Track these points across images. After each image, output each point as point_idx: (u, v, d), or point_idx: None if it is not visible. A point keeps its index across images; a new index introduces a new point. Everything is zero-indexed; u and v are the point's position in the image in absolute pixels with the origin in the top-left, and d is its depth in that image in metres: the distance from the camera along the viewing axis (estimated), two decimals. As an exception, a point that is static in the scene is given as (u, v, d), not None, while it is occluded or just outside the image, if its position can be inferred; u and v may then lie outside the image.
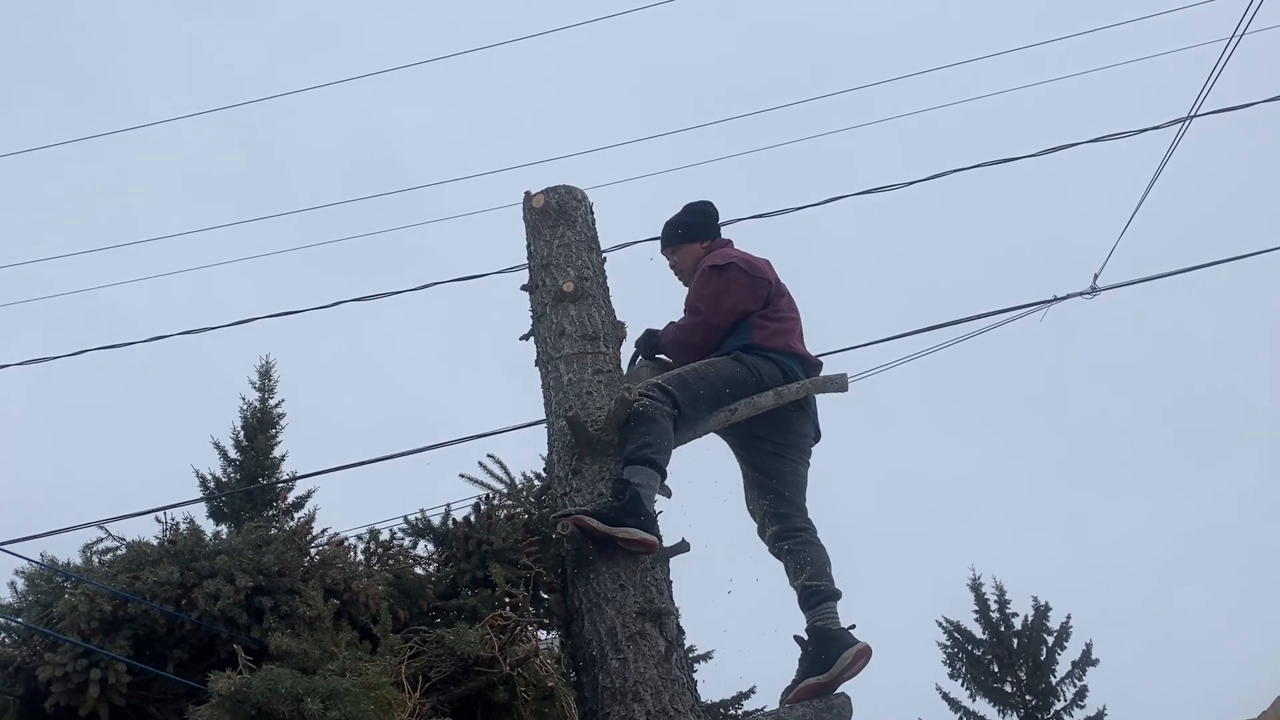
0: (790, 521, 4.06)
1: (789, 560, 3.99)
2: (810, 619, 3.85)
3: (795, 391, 4.18)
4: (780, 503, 4.10)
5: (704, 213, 4.57)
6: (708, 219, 4.57)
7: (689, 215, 4.56)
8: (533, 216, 4.56)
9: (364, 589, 3.12)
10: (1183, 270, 6.34)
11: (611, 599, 3.57)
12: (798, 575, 3.93)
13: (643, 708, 3.35)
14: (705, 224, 4.56)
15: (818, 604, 3.85)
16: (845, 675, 3.70)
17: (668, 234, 4.58)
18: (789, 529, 4.04)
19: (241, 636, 2.90)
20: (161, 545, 3.12)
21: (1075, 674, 17.52)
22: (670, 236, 4.57)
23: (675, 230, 4.55)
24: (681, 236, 4.53)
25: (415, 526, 3.81)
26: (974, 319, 6.16)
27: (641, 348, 4.42)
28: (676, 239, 4.55)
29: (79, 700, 2.83)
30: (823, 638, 3.78)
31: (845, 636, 3.77)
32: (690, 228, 4.53)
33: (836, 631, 3.79)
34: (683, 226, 4.54)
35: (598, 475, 3.86)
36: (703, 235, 4.53)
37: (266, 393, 9.78)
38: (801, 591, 3.90)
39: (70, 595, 2.99)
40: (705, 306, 4.22)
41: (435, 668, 2.85)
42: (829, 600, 3.86)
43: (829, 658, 3.71)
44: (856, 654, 3.71)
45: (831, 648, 3.74)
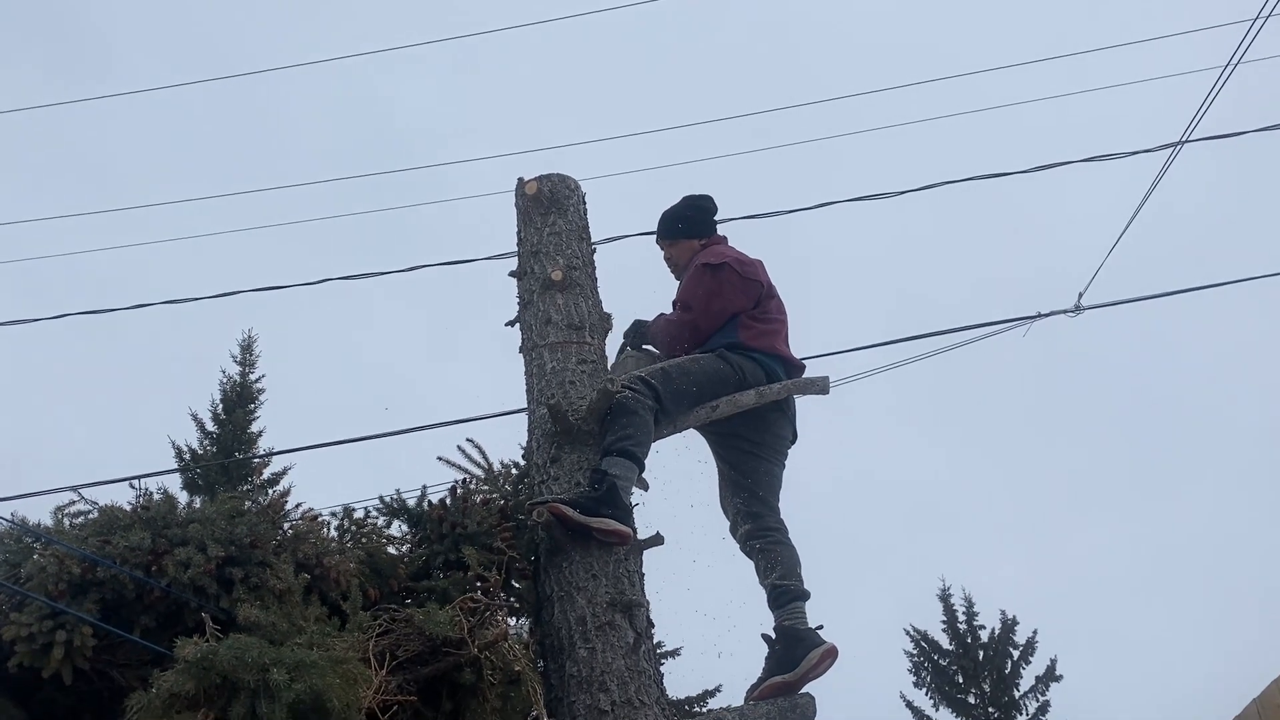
0: (763, 521, 4.08)
1: (760, 559, 4.02)
2: (778, 618, 3.88)
3: (777, 392, 4.21)
4: (754, 502, 4.12)
5: (703, 209, 4.60)
6: (706, 215, 4.60)
7: (688, 210, 4.58)
8: (525, 203, 4.57)
9: (336, 565, 3.11)
10: (1167, 294, 6.41)
11: (583, 588, 3.58)
12: (768, 574, 3.96)
13: (608, 697, 3.36)
14: (703, 220, 4.58)
15: (786, 603, 3.87)
16: (811, 675, 3.73)
17: (666, 227, 4.60)
18: (761, 528, 4.06)
19: (210, 606, 2.89)
20: (134, 511, 3.10)
21: (1039, 688, 17.68)
22: (668, 229, 4.59)
23: (675, 224, 4.57)
24: (680, 231, 4.56)
25: (390, 506, 3.80)
26: (958, 330, 6.22)
27: (629, 338, 4.46)
28: (675, 233, 4.57)
29: (43, 662, 2.81)
30: (790, 637, 3.81)
31: (812, 636, 3.79)
32: (689, 223, 4.56)
33: (804, 631, 3.81)
34: (682, 221, 4.56)
35: (576, 465, 3.87)
36: (700, 232, 4.56)
37: (247, 367, 9.77)
38: (771, 590, 3.92)
39: (39, 556, 2.97)
40: (696, 305, 4.24)
41: (403, 646, 2.85)
42: (798, 600, 3.88)
43: (795, 657, 3.73)
44: (823, 654, 3.74)
45: (798, 647, 3.76)
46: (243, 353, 9.58)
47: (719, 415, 4.09)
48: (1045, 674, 17.74)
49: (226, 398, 9.28)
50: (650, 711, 3.38)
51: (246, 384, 9.43)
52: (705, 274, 4.28)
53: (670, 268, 4.63)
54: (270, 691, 2.36)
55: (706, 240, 4.53)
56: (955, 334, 6.19)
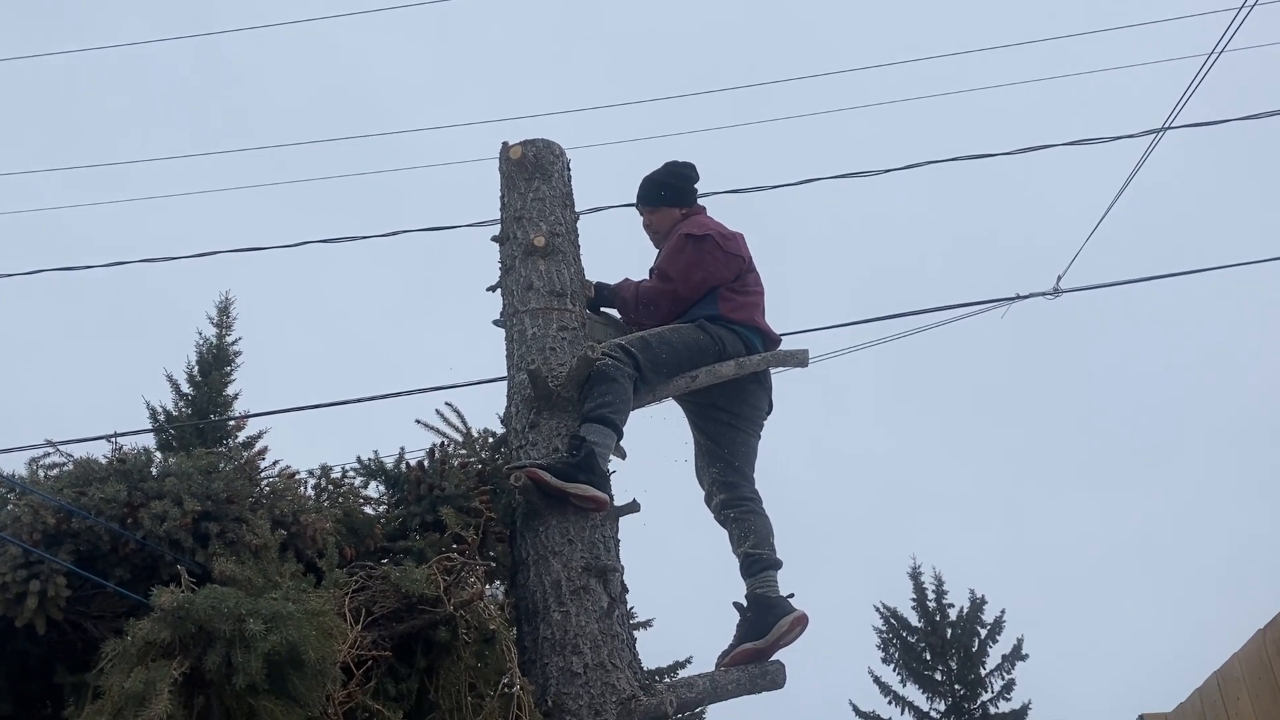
0: (738, 491, 4.12)
1: (734, 528, 4.05)
2: (750, 586, 3.92)
3: (756, 364, 4.23)
4: (729, 472, 4.15)
5: (686, 177, 4.58)
6: (688, 183, 4.58)
7: (671, 178, 4.56)
8: (508, 168, 4.54)
9: (312, 523, 3.11)
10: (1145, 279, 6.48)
11: (558, 553, 3.61)
12: (741, 543, 4.00)
13: (581, 660, 3.40)
14: (685, 189, 4.56)
15: (758, 572, 3.91)
16: (781, 642, 3.78)
17: (648, 193, 4.58)
18: (736, 498, 4.10)
19: (186, 560, 2.89)
20: (110, 464, 3.09)
21: (1005, 667, 17.97)
22: (651, 196, 4.57)
23: (657, 191, 4.55)
24: (662, 199, 4.54)
25: (368, 467, 3.80)
26: (936, 310, 6.26)
27: (590, 303, 4.41)
28: (657, 200, 4.55)
29: (16, 611, 2.80)
30: (761, 605, 3.85)
31: (783, 604, 3.84)
32: (671, 190, 4.54)
33: (775, 599, 3.85)
34: (664, 188, 4.54)
35: (555, 430, 3.88)
36: (681, 200, 4.54)
37: (224, 329, 9.69)
38: (744, 559, 3.96)
39: (14, 506, 2.95)
40: (677, 275, 4.24)
41: (379, 603, 2.86)
42: (770, 569, 3.92)
43: (766, 624, 3.78)
44: (793, 621, 3.78)
45: (769, 614, 3.80)
46: (220, 315, 9.50)
47: (698, 385, 4.11)
48: (1011, 653, 18.03)
49: (203, 359, 9.21)
50: (623, 674, 3.42)
51: (223, 346, 9.35)
52: (687, 244, 4.28)
53: (649, 235, 4.62)
54: (246, 641, 2.36)
55: (688, 210, 4.52)
56: (934, 314, 6.23)
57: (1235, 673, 3.43)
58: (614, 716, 3.31)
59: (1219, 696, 3.55)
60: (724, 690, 3.72)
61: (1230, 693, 3.46)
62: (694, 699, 3.63)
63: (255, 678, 2.36)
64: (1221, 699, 3.52)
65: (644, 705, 3.37)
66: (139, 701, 2.29)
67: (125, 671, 2.38)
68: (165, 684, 2.31)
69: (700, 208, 4.56)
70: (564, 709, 3.30)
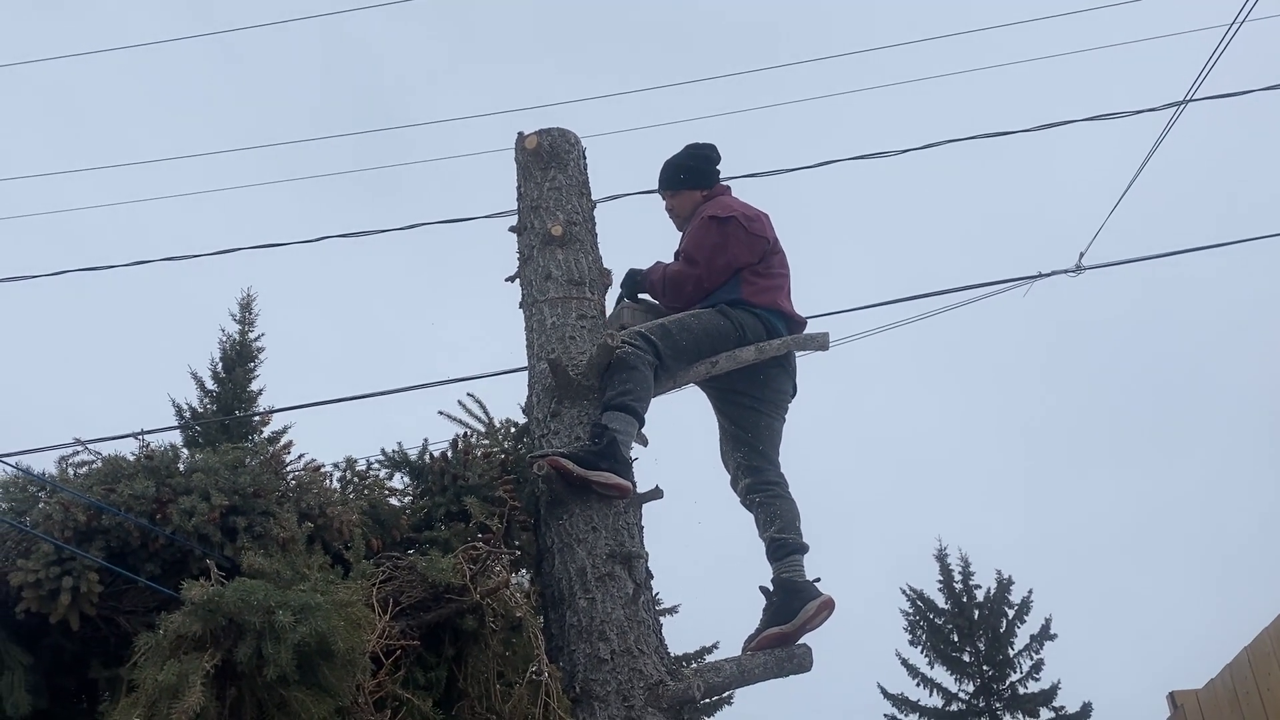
0: (763, 475, 4.11)
1: (760, 513, 4.05)
2: (776, 570, 3.92)
3: (776, 348, 4.22)
4: (754, 456, 4.15)
5: (706, 158, 4.53)
6: (709, 165, 4.53)
7: (692, 160, 4.53)
8: (524, 157, 4.54)
9: (339, 515, 3.14)
10: (1168, 254, 6.40)
11: (583, 540, 3.62)
12: (767, 527, 3.99)
13: (608, 646, 3.41)
14: (707, 170, 4.51)
15: (785, 556, 3.91)
16: (808, 626, 3.78)
17: (669, 176, 4.55)
18: (762, 482, 4.09)
19: (214, 554, 2.92)
20: (138, 460, 3.12)
21: (1033, 647, 17.90)
22: (671, 179, 4.54)
23: (677, 174, 4.52)
24: (683, 182, 4.51)
25: (392, 459, 3.82)
26: (958, 290, 6.21)
27: (625, 287, 4.42)
28: (677, 183, 4.52)
29: (50, 608, 2.84)
30: (787, 589, 3.85)
31: (809, 589, 3.83)
32: (692, 173, 4.50)
33: (801, 583, 3.85)
34: (685, 171, 4.51)
35: (576, 419, 3.89)
36: (703, 182, 4.51)
37: (247, 325, 9.76)
38: (770, 543, 3.96)
39: (45, 504, 2.99)
40: (701, 258, 4.21)
41: (406, 593, 2.89)
42: (796, 553, 3.92)
43: (793, 608, 3.78)
44: (820, 606, 3.79)
45: (795, 599, 3.80)
46: (242, 311, 9.56)
47: (719, 370, 4.11)
48: (1040, 633, 17.95)
49: (226, 356, 9.27)
50: (649, 660, 3.43)
51: (246, 342, 9.42)
52: (711, 226, 4.24)
53: (672, 218, 4.60)
54: (276, 633, 2.39)
55: (709, 191, 4.49)
56: (956, 294, 6.18)
57: (1266, 648, 3.41)
58: (642, 702, 3.32)
59: (1250, 672, 3.52)
60: (751, 674, 3.73)
61: (1261, 668, 3.44)
62: (721, 683, 3.64)
63: (286, 669, 2.39)
64: (1253, 674, 3.50)
65: (671, 690, 3.38)
66: (172, 694, 2.33)
67: (158, 664, 2.41)
68: (198, 676, 2.34)
69: (724, 188, 4.53)
70: (592, 695, 3.32)
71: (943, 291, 6.16)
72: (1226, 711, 3.75)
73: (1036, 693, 17.45)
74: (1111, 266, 6.35)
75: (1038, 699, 17.34)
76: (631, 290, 4.41)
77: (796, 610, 3.78)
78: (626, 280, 4.43)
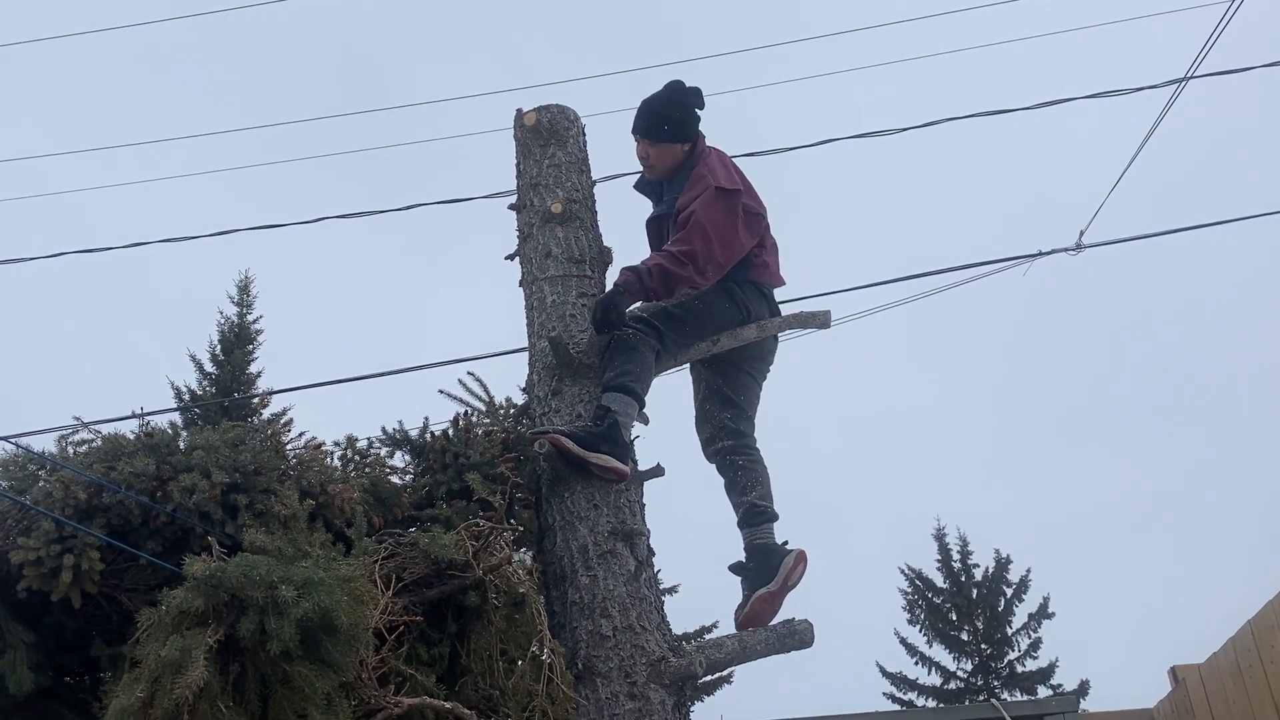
0: (746, 439, 4.12)
1: (739, 475, 4.02)
2: (749, 536, 3.94)
3: (777, 326, 4.22)
4: (741, 420, 4.14)
5: (689, 108, 4.20)
6: (693, 116, 4.21)
7: (678, 110, 4.19)
8: (523, 134, 4.51)
9: (340, 493, 3.13)
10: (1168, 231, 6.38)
11: (584, 518, 3.62)
12: (746, 492, 3.98)
13: (610, 623, 3.42)
14: (690, 122, 4.20)
15: (760, 524, 3.94)
16: (790, 582, 3.81)
17: (651, 125, 4.21)
18: (744, 446, 4.09)
19: (216, 531, 2.91)
20: (138, 438, 3.11)
21: (1031, 626, 18.01)
22: (653, 128, 4.20)
23: (660, 125, 4.19)
24: (667, 134, 4.18)
25: (393, 437, 3.81)
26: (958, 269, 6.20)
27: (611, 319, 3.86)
28: (660, 134, 4.19)
29: (51, 586, 2.84)
30: (760, 552, 3.88)
31: (780, 548, 3.88)
32: (677, 125, 4.18)
33: (773, 545, 3.89)
34: (669, 123, 4.18)
35: (577, 397, 3.88)
36: (686, 135, 4.19)
37: (245, 307, 9.72)
38: (749, 509, 3.96)
39: (45, 482, 2.98)
40: (719, 241, 3.89)
41: (408, 569, 2.89)
42: (769, 522, 3.96)
43: (772, 566, 3.82)
44: (795, 559, 3.83)
45: (771, 558, 3.84)
46: (240, 293, 9.52)
47: (719, 349, 4.10)
48: (1038, 612, 18.06)
49: (225, 339, 9.24)
50: (651, 636, 3.44)
51: (244, 325, 9.38)
52: (719, 200, 3.93)
53: (644, 166, 4.29)
54: (278, 608, 2.39)
55: (690, 144, 4.18)
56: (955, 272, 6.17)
57: (1270, 620, 3.41)
58: (644, 678, 3.33)
59: (1253, 644, 3.53)
60: (752, 651, 3.73)
61: (1265, 640, 3.44)
62: (723, 660, 3.65)
63: (289, 644, 2.39)
64: (1256, 647, 3.50)
65: (674, 666, 3.39)
66: (175, 669, 2.32)
67: (161, 640, 2.41)
68: (201, 651, 2.33)
69: (706, 146, 4.20)
70: (594, 671, 3.33)
71: (942, 270, 6.14)
72: (1229, 685, 3.77)
73: (1034, 671, 17.57)
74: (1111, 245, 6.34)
75: (1035, 677, 17.46)
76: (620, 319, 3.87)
77: (776, 568, 3.80)
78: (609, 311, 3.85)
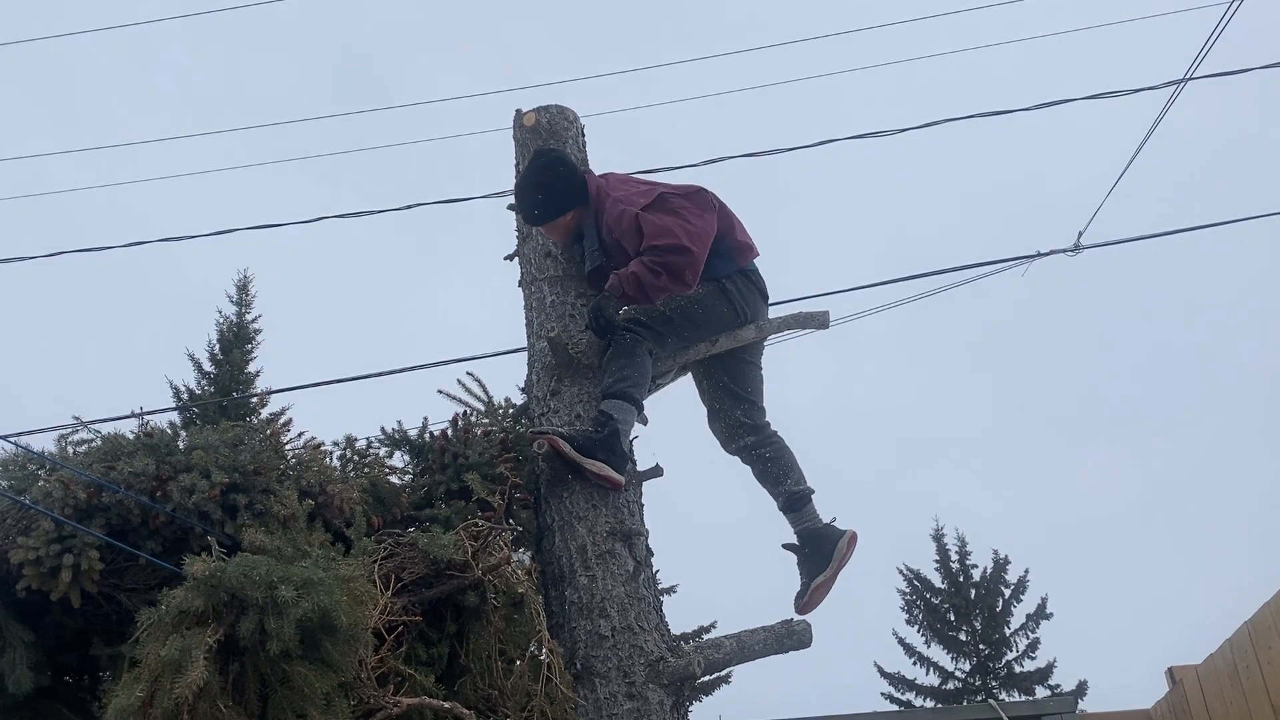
0: (764, 430, 4.14)
1: (770, 466, 4.07)
2: (795, 521, 4.01)
3: (776, 326, 4.22)
4: (754, 411, 4.15)
5: (553, 181, 4.01)
6: (563, 183, 4.00)
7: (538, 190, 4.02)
8: (523, 135, 4.51)
9: (339, 493, 3.14)
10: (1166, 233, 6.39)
11: (583, 518, 3.62)
12: (781, 481, 4.04)
13: (609, 623, 3.42)
14: (561, 191, 4.01)
15: (802, 507, 4.00)
16: (843, 564, 3.91)
17: (529, 212, 4.09)
18: (765, 437, 4.12)
19: (215, 531, 2.92)
20: (137, 438, 3.12)
21: (1029, 626, 18.02)
22: (533, 215, 4.08)
23: (532, 213, 4.07)
24: (540, 217, 4.06)
25: (392, 437, 3.82)
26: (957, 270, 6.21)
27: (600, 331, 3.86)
28: (537, 219, 4.08)
29: (51, 585, 2.84)
30: (814, 537, 3.95)
31: (831, 530, 3.95)
32: (547, 204, 4.02)
33: (823, 528, 3.96)
34: (538, 208, 4.03)
35: (576, 397, 3.88)
36: (568, 204, 4.02)
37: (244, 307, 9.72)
38: (788, 497, 4.02)
39: (44, 482, 2.99)
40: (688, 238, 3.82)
41: (408, 569, 2.89)
42: (809, 502, 4.02)
43: (825, 553, 3.90)
44: (848, 542, 3.92)
45: (824, 544, 3.92)
46: (239, 293, 9.52)
47: (718, 349, 4.09)
48: (1036, 612, 18.07)
49: (223, 338, 9.23)
50: (650, 636, 3.44)
51: (243, 324, 9.37)
52: (686, 206, 3.90)
53: (557, 247, 4.17)
54: (278, 608, 2.39)
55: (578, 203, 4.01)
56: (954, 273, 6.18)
57: (1267, 622, 3.41)
58: (643, 678, 3.33)
59: (1250, 646, 3.53)
60: (751, 651, 3.73)
61: (1262, 642, 3.45)
62: (721, 660, 3.65)
63: (289, 644, 2.40)
64: (1253, 648, 3.51)
65: (672, 666, 3.39)
66: (175, 669, 2.33)
67: (161, 640, 2.42)
68: (201, 651, 2.34)
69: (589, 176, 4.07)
70: (592, 671, 3.33)
71: (941, 271, 6.15)
72: (1226, 686, 3.77)
73: (1032, 671, 17.58)
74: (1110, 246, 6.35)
75: (1033, 677, 17.47)
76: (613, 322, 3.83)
77: (830, 554, 3.89)
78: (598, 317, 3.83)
